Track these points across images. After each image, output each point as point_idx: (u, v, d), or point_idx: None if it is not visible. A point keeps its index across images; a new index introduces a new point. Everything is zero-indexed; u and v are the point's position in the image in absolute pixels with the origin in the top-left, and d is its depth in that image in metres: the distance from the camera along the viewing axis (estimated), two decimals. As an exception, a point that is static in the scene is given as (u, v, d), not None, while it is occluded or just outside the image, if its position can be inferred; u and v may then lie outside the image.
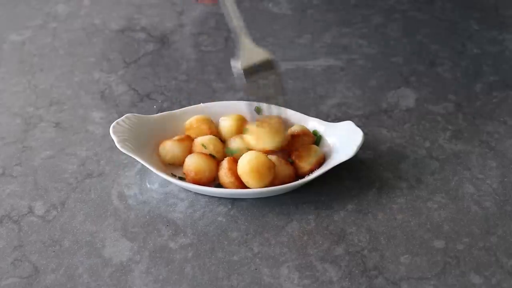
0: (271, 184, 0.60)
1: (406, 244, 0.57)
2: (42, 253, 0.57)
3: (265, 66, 0.62)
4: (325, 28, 0.86)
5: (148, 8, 0.90)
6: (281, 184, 0.60)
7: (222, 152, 0.63)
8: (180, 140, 0.63)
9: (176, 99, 0.74)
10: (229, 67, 0.78)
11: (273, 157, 0.61)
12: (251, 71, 0.62)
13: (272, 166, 0.59)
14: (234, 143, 0.63)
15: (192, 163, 0.61)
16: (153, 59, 0.81)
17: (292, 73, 0.78)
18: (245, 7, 0.89)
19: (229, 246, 0.57)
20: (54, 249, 0.57)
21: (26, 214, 0.60)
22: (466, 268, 0.55)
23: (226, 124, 0.65)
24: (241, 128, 0.64)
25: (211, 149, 0.63)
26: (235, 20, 0.62)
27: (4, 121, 0.71)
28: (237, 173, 0.60)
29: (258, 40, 0.82)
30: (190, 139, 0.64)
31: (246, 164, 0.59)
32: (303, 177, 0.62)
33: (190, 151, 0.63)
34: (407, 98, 0.74)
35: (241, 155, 0.62)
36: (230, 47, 0.82)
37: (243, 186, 0.60)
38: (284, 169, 0.61)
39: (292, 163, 0.62)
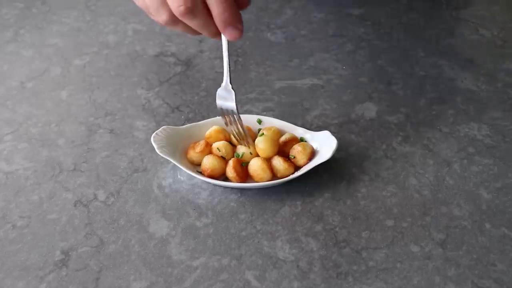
0: (271, 178, 0.63)
1: (366, 223, 0.60)
2: (105, 229, 0.59)
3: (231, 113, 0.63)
4: (309, 54, 0.85)
5: (176, 37, 0.89)
6: (282, 178, 0.62)
7: (232, 154, 0.65)
8: (202, 151, 0.64)
9: (198, 111, 0.74)
10: (238, 84, 0.79)
11: (275, 159, 0.63)
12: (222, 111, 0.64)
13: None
14: (241, 149, 0.65)
15: (208, 162, 0.63)
16: (180, 79, 0.80)
17: (285, 90, 0.78)
18: (249, 36, 0.89)
19: (239, 225, 0.60)
20: (113, 226, 0.59)
21: (92, 200, 0.62)
22: (408, 240, 0.58)
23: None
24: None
25: (223, 151, 0.64)
26: (225, 64, 0.62)
27: (73, 128, 0.72)
28: (238, 170, 0.62)
29: (259, 63, 0.84)
30: (208, 148, 0.65)
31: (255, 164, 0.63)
32: (300, 168, 0.64)
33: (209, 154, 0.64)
34: (370, 110, 0.74)
35: (245, 158, 0.64)
36: (238, 69, 0.82)
37: (242, 179, 0.62)
38: (284, 167, 0.63)
39: (294, 158, 0.64)
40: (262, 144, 0.64)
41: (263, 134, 0.66)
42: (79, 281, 0.55)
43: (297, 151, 0.64)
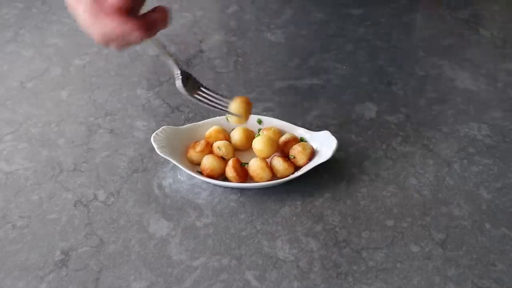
0: (271, 178, 0.63)
1: (366, 223, 0.60)
2: (105, 229, 0.59)
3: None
4: (310, 54, 0.85)
5: (176, 37, 0.89)
6: (282, 178, 0.62)
7: (232, 153, 0.65)
8: (202, 151, 0.64)
9: (198, 111, 0.74)
10: (238, 84, 0.79)
11: (275, 159, 0.63)
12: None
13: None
14: (231, 119, 0.62)
15: (208, 162, 0.63)
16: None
17: (285, 90, 0.78)
18: (250, 36, 0.89)
19: (239, 225, 0.60)
20: (113, 226, 0.59)
21: (92, 200, 0.62)
22: (408, 240, 0.58)
23: (235, 134, 0.67)
24: (246, 136, 0.66)
25: (223, 151, 0.64)
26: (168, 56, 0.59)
27: (73, 128, 0.72)
28: (238, 169, 0.62)
29: (259, 63, 0.84)
30: (208, 147, 0.65)
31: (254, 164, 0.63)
32: (300, 168, 0.63)
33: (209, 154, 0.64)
34: (370, 110, 0.74)
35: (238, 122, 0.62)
36: (238, 69, 0.82)
37: (242, 179, 0.62)
38: (284, 167, 0.63)
39: (294, 158, 0.64)
40: (259, 145, 0.64)
41: (259, 134, 0.66)
42: (79, 281, 0.54)
43: (297, 151, 0.64)
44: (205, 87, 0.61)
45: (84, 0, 0.51)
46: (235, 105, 0.60)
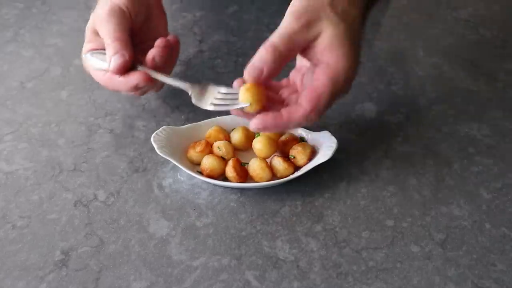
0: (271, 178, 0.63)
1: (366, 223, 0.60)
2: (105, 229, 0.59)
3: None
4: None
5: None
6: (282, 178, 0.62)
7: (232, 153, 0.65)
8: (202, 151, 0.64)
9: (198, 111, 0.70)
10: None
11: (275, 159, 0.63)
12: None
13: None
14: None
15: (208, 162, 0.63)
16: (180, 79, 0.79)
17: None
18: (249, 36, 0.89)
19: (239, 225, 0.60)
20: (113, 226, 0.59)
21: (92, 200, 0.62)
22: (408, 240, 0.58)
23: (235, 134, 0.67)
24: (246, 136, 0.66)
25: (223, 151, 0.64)
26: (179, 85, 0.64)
27: (73, 128, 0.72)
28: (238, 169, 0.62)
29: None
30: (208, 147, 0.65)
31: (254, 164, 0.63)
32: (300, 168, 0.63)
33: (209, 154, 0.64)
34: (370, 110, 0.74)
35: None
36: (238, 69, 0.80)
37: (242, 179, 0.62)
38: (284, 167, 0.63)
39: (294, 158, 0.64)
40: (258, 145, 0.64)
41: (259, 134, 0.66)
42: (79, 281, 0.55)
43: (297, 151, 0.64)
44: (220, 92, 0.63)
45: (93, 72, 0.68)
46: (243, 96, 0.59)
